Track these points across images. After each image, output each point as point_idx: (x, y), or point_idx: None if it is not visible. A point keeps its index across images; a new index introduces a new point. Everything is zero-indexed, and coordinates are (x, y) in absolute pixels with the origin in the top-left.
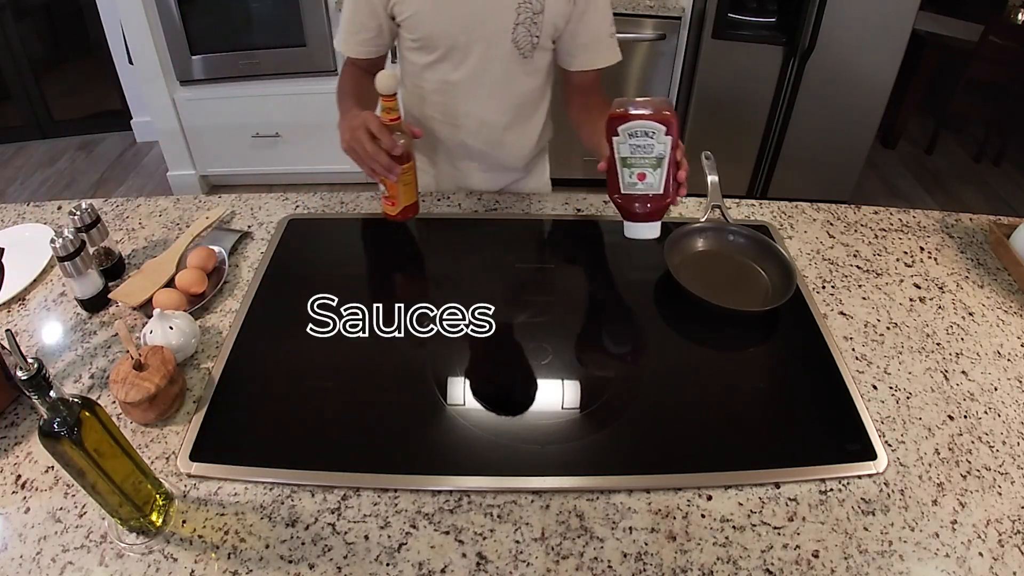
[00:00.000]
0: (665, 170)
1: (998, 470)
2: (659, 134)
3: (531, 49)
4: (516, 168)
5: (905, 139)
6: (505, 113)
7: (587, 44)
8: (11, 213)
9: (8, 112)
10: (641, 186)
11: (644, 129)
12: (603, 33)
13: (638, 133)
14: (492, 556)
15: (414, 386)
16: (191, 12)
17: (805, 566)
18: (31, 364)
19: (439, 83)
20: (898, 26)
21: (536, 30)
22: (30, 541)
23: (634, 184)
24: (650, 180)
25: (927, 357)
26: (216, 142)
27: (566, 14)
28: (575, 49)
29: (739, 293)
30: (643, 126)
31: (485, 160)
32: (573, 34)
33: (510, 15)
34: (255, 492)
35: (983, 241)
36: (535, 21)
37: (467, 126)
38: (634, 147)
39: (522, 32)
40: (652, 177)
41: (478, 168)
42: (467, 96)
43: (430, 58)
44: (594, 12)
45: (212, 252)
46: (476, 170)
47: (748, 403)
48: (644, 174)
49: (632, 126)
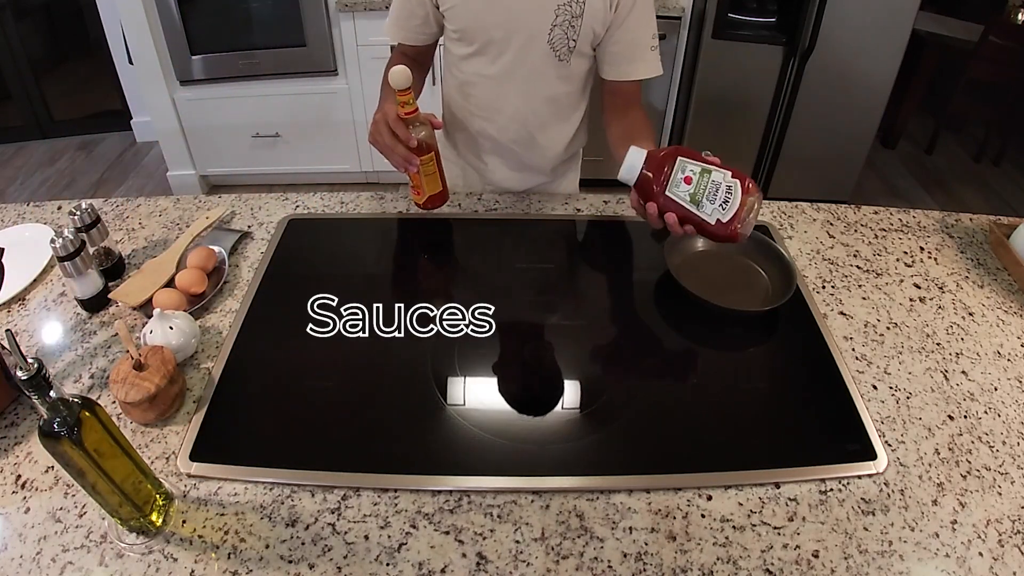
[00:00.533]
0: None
1: (998, 470)
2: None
3: (568, 52)
4: (544, 170)
5: (905, 139)
6: (537, 113)
7: (625, 54)
8: (11, 213)
9: (8, 112)
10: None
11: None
12: (643, 44)
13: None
14: (492, 556)
15: (414, 386)
16: (191, 12)
17: (805, 566)
18: (31, 364)
19: (475, 75)
20: (898, 26)
21: (574, 33)
22: (30, 541)
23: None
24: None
25: (927, 357)
26: (216, 142)
27: (605, 20)
28: (613, 58)
29: (739, 293)
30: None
31: (514, 158)
32: (612, 42)
33: (548, 16)
34: (255, 492)
35: (983, 241)
36: (573, 25)
37: (499, 121)
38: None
39: (559, 34)
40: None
41: (505, 165)
42: (500, 91)
43: (468, 50)
44: (635, 21)
45: (212, 252)
46: (503, 167)
47: (748, 403)
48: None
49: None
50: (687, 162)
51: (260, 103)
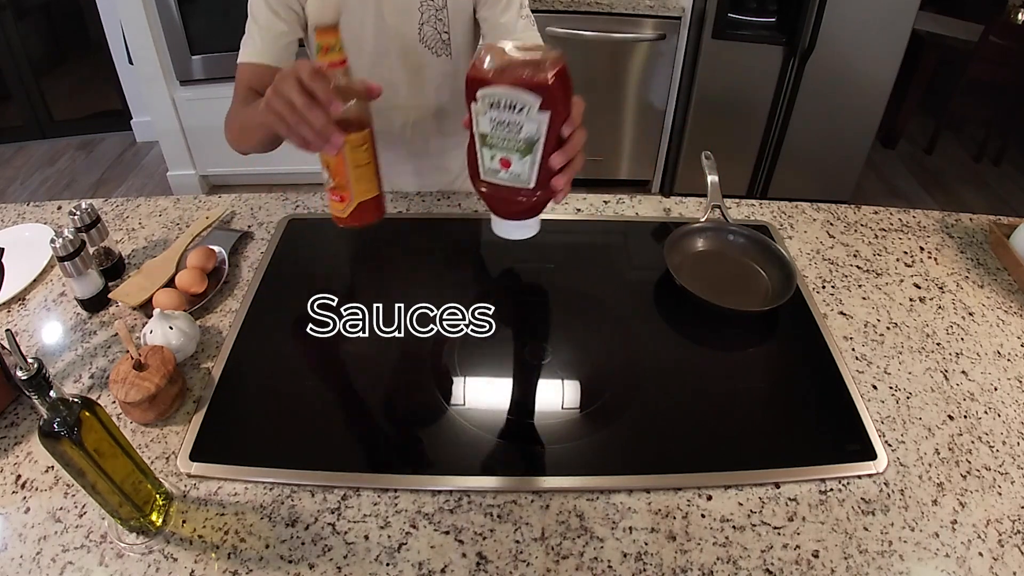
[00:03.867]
0: (538, 157)
1: (998, 470)
2: (530, 110)
3: (443, 46)
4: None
5: (905, 139)
6: (428, 115)
7: (503, 26)
8: (11, 213)
9: (8, 112)
10: (504, 175)
11: (510, 100)
12: (513, 14)
13: (501, 105)
14: (492, 556)
15: (414, 386)
16: (191, 12)
17: (805, 566)
18: (31, 364)
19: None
20: (898, 26)
21: (443, 26)
22: (30, 541)
23: (496, 171)
24: (516, 169)
25: (927, 357)
26: (216, 142)
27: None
28: (492, 34)
29: (739, 293)
30: (508, 96)
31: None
32: (485, 20)
33: (414, 16)
34: (255, 492)
35: (983, 241)
36: (440, 17)
37: (392, 130)
38: (496, 123)
39: (429, 31)
40: (519, 165)
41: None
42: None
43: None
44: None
45: (212, 252)
46: (408, 173)
47: (748, 403)
48: (508, 160)
49: (494, 94)
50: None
51: None
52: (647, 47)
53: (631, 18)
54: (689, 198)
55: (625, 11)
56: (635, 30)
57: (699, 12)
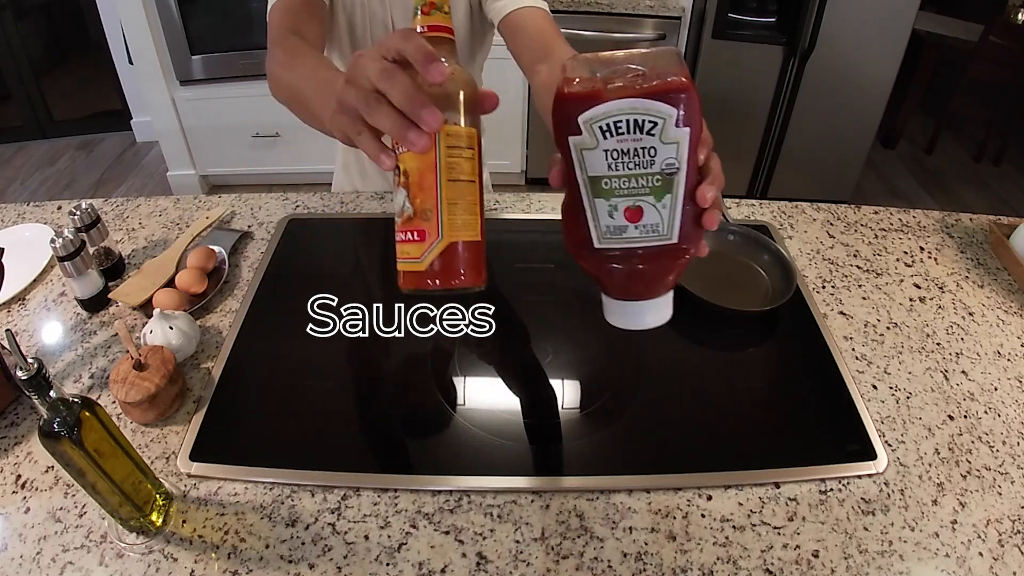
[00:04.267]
0: (680, 194)
1: (998, 470)
2: (666, 127)
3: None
4: None
5: (905, 139)
6: None
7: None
8: (11, 213)
9: (8, 112)
10: (635, 231)
11: (636, 118)
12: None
13: (623, 128)
14: (492, 556)
15: (414, 386)
16: (191, 12)
17: (805, 566)
18: (31, 364)
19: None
20: (898, 26)
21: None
22: (30, 541)
23: (621, 230)
24: (651, 218)
25: (927, 357)
26: (216, 142)
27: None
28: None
29: (739, 293)
30: (634, 112)
31: None
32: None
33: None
34: (255, 492)
35: (983, 241)
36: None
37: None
38: (616, 157)
39: None
40: (655, 211)
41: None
42: None
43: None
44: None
45: (212, 252)
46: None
47: (748, 403)
48: (638, 208)
49: (609, 114)
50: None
51: (260, 103)
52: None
53: (631, 18)
54: None
55: (625, 11)
56: (635, 30)
57: (699, 12)
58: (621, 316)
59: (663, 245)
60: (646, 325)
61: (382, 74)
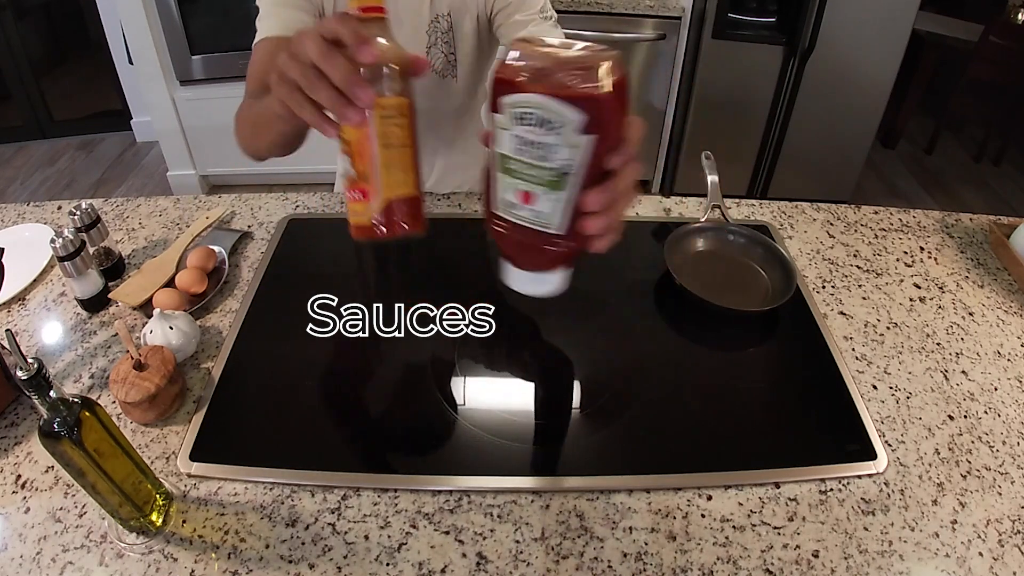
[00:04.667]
0: (572, 194)
1: (998, 470)
2: (568, 130)
3: (450, 68)
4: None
5: (905, 139)
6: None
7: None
8: (11, 213)
9: (8, 112)
10: (525, 212)
11: (542, 115)
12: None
13: (531, 119)
14: (492, 556)
15: (414, 386)
16: (191, 12)
17: (805, 566)
18: (31, 364)
19: None
20: (898, 26)
21: (449, 49)
22: (30, 541)
23: (513, 206)
24: (540, 206)
25: (927, 357)
26: (216, 142)
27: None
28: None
29: (739, 293)
30: (541, 108)
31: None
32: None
33: (422, 39)
34: (255, 492)
35: (983, 241)
36: (446, 40)
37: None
38: (521, 143)
39: (436, 53)
40: (544, 202)
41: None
42: None
43: None
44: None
45: (212, 252)
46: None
47: (748, 403)
48: (531, 194)
49: (523, 103)
50: None
51: None
52: (647, 47)
53: (631, 18)
54: (689, 198)
55: (625, 11)
56: (635, 30)
57: (699, 12)
58: (511, 279)
59: (548, 232)
60: (527, 292)
61: (321, 55)
